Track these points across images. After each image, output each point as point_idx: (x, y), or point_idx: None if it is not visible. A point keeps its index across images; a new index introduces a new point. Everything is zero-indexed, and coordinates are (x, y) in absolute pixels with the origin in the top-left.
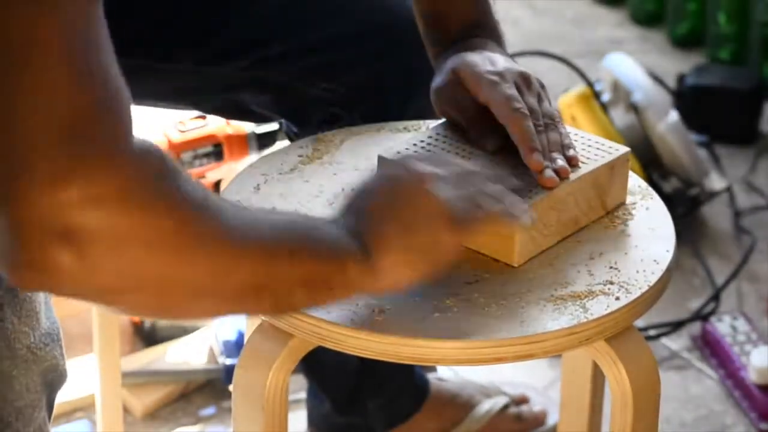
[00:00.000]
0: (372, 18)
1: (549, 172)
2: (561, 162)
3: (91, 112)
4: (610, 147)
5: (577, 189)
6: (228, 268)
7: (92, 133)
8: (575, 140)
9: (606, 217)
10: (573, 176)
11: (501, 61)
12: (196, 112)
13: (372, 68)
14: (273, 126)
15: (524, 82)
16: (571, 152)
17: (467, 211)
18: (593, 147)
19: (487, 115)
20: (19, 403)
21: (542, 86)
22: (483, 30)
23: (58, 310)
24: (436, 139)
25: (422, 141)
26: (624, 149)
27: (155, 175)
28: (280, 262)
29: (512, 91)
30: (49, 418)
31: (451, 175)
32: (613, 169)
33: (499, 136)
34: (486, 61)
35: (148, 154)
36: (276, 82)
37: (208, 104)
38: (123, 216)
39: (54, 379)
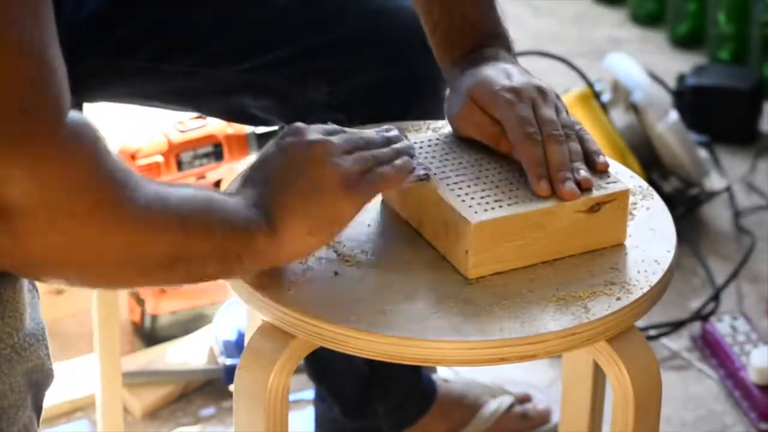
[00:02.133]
0: (373, 23)
1: (569, 185)
2: (584, 173)
3: (28, 89)
4: (608, 180)
5: (563, 216)
6: (146, 241)
7: (29, 110)
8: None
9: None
10: (557, 201)
11: (516, 75)
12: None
13: (373, 73)
14: (273, 126)
15: (540, 95)
16: (601, 159)
17: (360, 175)
18: (595, 176)
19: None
20: (3, 403)
21: (558, 97)
22: (494, 39)
23: (58, 310)
24: (444, 142)
25: (429, 142)
26: (623, 186)
27: (86, 155)
28: (193, 234)
29: (526, 113)
30: (38, 418)
31: (342, 141)
32: (611, 203)
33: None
34: (501, 75)
35: (82, 133)
36: (276, 86)
37: (209, 107)
38: (53, 191)
39: (39, 379)
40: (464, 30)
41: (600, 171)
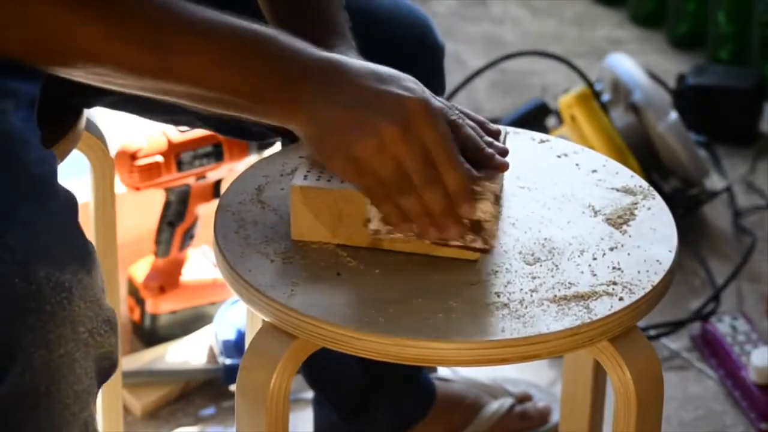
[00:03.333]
0: (372, 37)
1: (499, 158)
2: (498, 144)
3: None
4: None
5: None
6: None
7: None
8: None
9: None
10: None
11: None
12: None
13: None
14: (267, 141)
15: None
16: (491, 126)
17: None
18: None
19: None
20: (78, 387)
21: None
22: (340, 37)
23: None
24: None
25: None
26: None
27: None
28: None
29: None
30: None
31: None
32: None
33: None
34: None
35: None
36: None
37: (204, 120)
38: None
39: (107, 367)
40: (315, 23)
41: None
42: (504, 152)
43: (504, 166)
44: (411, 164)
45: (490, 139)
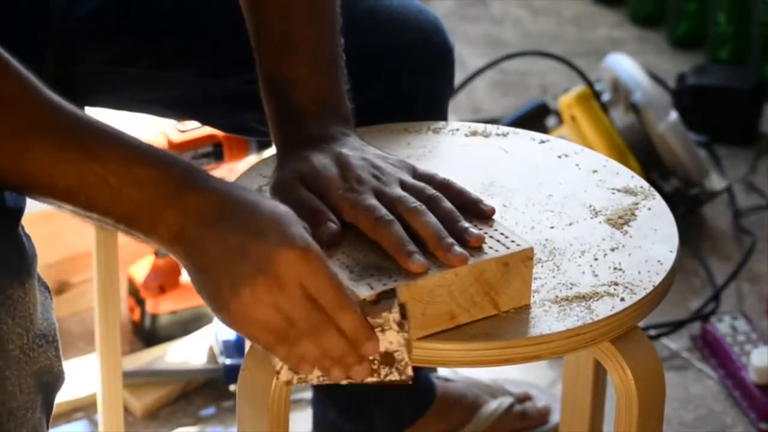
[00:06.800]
0: (381, 39)
1: (455, 250)
2: (473, 231)
3: None
4: (512, 241)
5: (451, 282)
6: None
7: None
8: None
9: (607, 222)
10: (447, 268)
11: (350, 159)
12: None
13: (373, 92)
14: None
15: (379, 170)
16: (484, 205)
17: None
18: (493, 238)
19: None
20: (12, 405)
21: (402, 162)
22: (331, 109)
23: (59, 310)
24: None
25: None
26: (526, 245)
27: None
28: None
29: (369, 202)
30: (48, 419)
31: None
32: (508, 266)
33: (338, 227)
34: (332, 164)
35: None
36: None
37: (207, 117)
38: None
39: (49, 380)
40: (299, 94)
41: (488, 216)
42: (478, 240)
43: (462, 259)
44: (294, 312)
45: (465, 225)
